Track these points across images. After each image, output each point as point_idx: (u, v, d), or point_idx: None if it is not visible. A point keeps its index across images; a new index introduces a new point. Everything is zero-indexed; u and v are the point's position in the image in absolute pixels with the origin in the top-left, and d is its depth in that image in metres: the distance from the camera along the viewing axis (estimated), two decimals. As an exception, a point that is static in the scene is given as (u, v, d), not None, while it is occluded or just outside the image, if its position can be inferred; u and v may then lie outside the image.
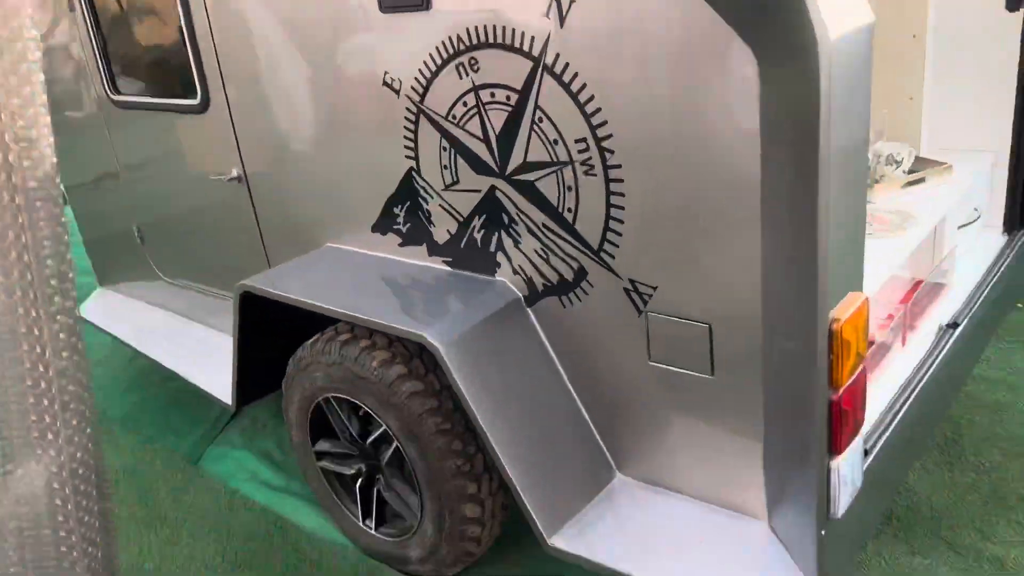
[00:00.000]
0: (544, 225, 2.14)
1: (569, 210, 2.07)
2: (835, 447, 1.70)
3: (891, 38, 2.79)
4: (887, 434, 2.03)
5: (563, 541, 2.11)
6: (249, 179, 2.96)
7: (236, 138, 2.91)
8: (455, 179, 2.29)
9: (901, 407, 2.10)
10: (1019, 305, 4.03)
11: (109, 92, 3.40)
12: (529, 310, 2.30)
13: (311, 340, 2.53)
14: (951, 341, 2.38)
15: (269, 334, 2.82)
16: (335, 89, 2.46)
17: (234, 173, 2.99)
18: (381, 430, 2.44)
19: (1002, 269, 2.78)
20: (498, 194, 2.21)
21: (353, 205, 2.62)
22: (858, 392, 1.71)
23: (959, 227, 2.76)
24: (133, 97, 3.30)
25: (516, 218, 2.20)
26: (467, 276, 2.39)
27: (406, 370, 2.29)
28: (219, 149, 3.01)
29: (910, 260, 2.64)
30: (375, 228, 2.60)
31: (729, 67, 1.63)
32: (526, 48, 1.96)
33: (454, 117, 2.20)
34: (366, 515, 2.68)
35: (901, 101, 2.86)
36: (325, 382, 2.49)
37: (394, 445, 2.42)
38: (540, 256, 2.19)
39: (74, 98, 3.66)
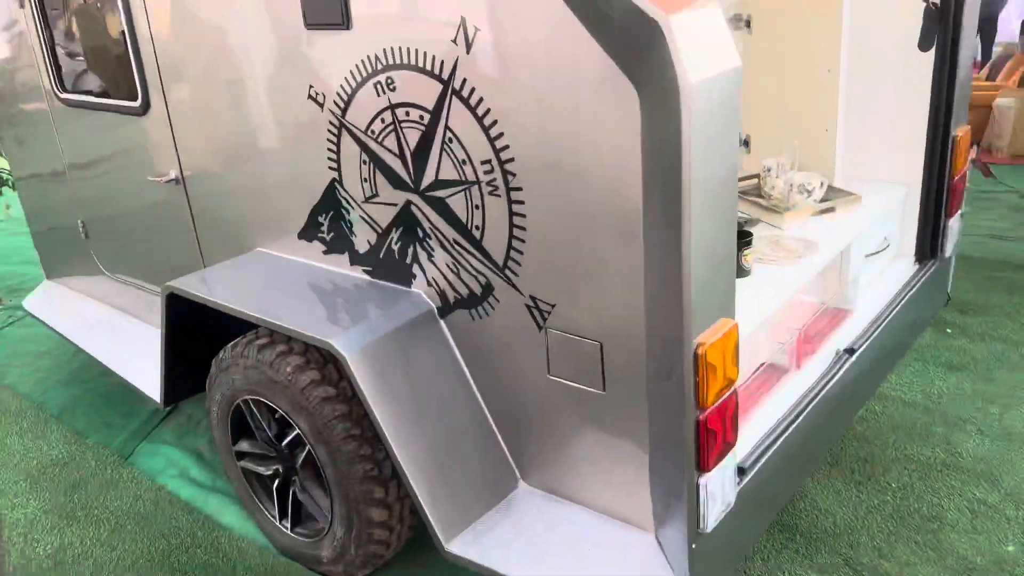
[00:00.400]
0: (455, 241, 2.22)
1: (477, 227, 2.15)
2: (702, 464, 1.79)
3: (807, 72, 2.90)
4: (768, 454, 2.12)
5: (459, 547, 2.19)
6: (186, 181, 3.02)
7: (174, 141, 2.97)
8: (374, 192, 2.36)
9: (785, 429, 2.20)
10: (948, 331, 4.18)
11: (56, 90, 3.45)
12: (442, 321, 2.37)
13: (232, 343, 2.59)
14: (846, 366, 2.48)
15: (199, 334, 2.88)
16: (265, 99, 2.53)
17: (172, 175, 3.05)
18: (295, 433, 2.51)
19: (909, 297, 2.89)
20: (413, 209, 2.29)
21: (281, 212, 2.69)
22: (727, 414, 1.80)
23: (867, 255, 2.87)
24: (78, 96, 3.35)
25: (430, 232, 2.27)
26: (385, 286, 2.47)
27: (319, 376, 2.36)
28: (158, 151, 3.07)
29: (817, 286, 2.75)
30: (301, 235, 2.67)
31: (614, 100, 1.71)
32: (437, 71, 2.04)
33: (373, 132, 2.28)
34: (282, 515, 2.74)
35: (817, 133, 2.97)
36: (243, 384, 2.55)
37: (307, 448, 2.48)
38: (452, 270, 2.27)
39: (26, 93, 3.70)
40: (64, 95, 3.42)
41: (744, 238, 2.38)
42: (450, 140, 2.10)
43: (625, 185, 1.78)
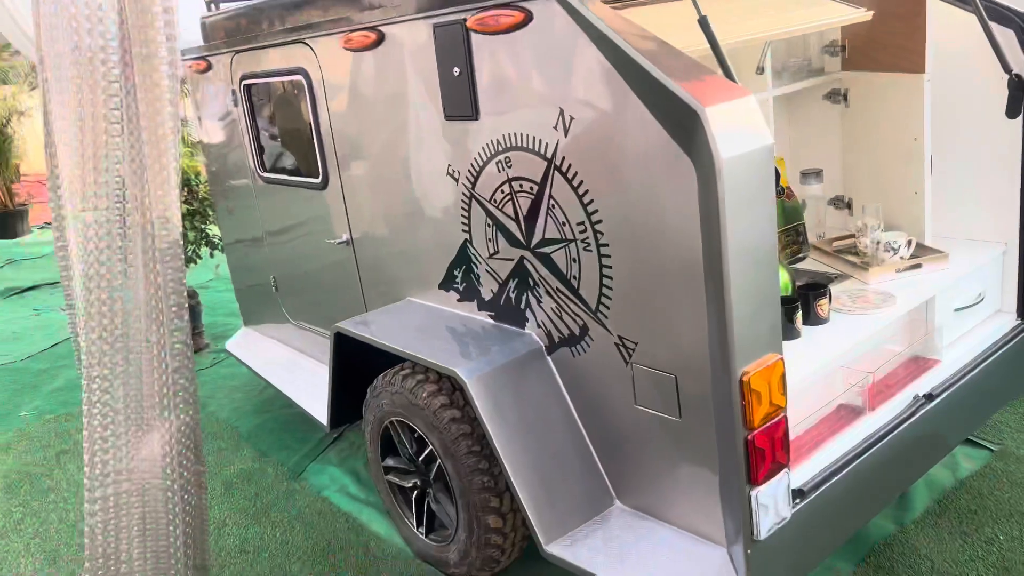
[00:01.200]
0: (558, 289, 2.66)
1: (574, 278, 2.59)
2: (752, 478, 2.09)
3: (897, 140, 3.14)
4: (829, 484, 2.36)
5: (556, 549, 2.57)
6: (354, 243, 3.67)
7: (346, 210, 3.63)
8: (496, 250, 2.86)
9: (850, 463, 2.43)
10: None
11: (258, 169, 4.26)
12: (548, 357, 2.81)
13: (383, 373, 3.14)
14: (923, 411, 2.66)
15: (360, 369, 3.46)
16: (414, 176, 3.12)
17: (344, 238, 3.71)
18: (428, 450, 3.00)
19: (1006, 351, 3.00)
20: (526, 263, 2.76)
21: (426, 267, 3.25)
22: (776, 435, 2.10)
23: (956, 309, 3.02)
24: (274, 174, 4.13)
25: (538, 282, 2.73)
26: (504, 328, 2.94)
27: (448, 400, 2.85)
28: (334, 218, 3.75)
29: (904, 336, 2.94)
30: (440, 286, 3.21)
31: (677, 173, 2.11)
32: (542, 152, 2.53)
33: (495, 201, 2.79)
34: (419, 523, 3.22)
35: (908, 195, 3.18)
36: (390, 408, 3.09)
37: (437, 463, 2.97)
38: (556, 314, 2.71)
39: (235, 172, 4.56)
40: (263, 173, 4.22)
41: (819, 290, 2.66)
42: (553, 206, 2.56)
43: (688, 241, 2.15)
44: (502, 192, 2.75)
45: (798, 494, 2.30)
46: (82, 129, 1.70)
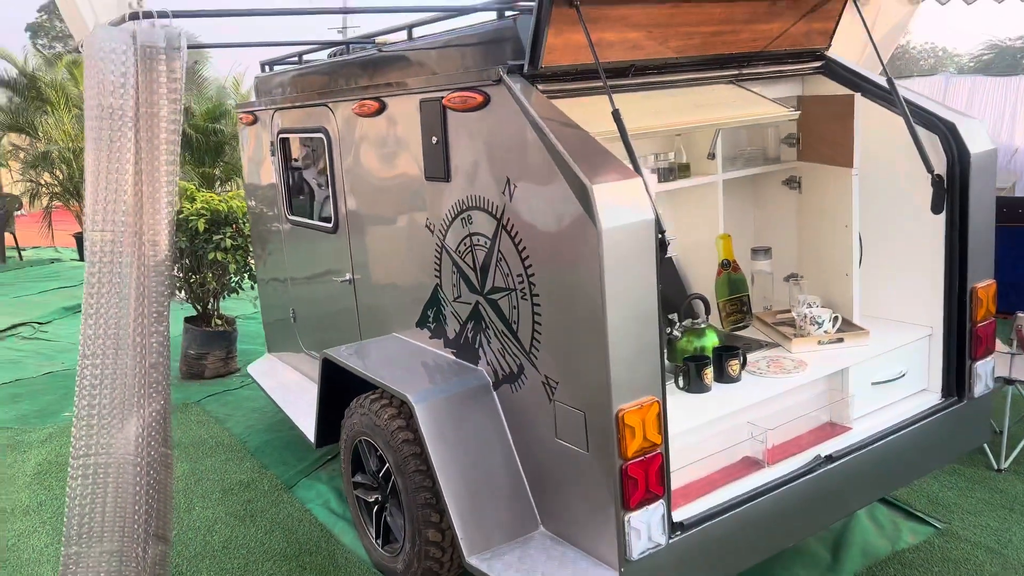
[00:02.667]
0: (502, 332, 3.05)
1: (514, 322, 2.97)
2: (626, 504, 2.41)
3: (832, 226, 3.47)
4: (712, 522, 2.65)
5: (476, 560, 2.90)
6: (355, 282, 4.14)
7: (351, 252, 4.11)
8: (459, 294, 3.28)
9: (736, 507, 2.72)
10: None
11: (286, 213, 4.80)
12: (494, 392, 3.18)
13: (357, 397, 3.56)
14: (821, 470, 2.93)
15: (346, 393, 3.89)
16: (400, 226, 3.58)
17: (347, 277, 4.19)
18: (386, 467, 3.38)
19: (922, 427, 3.24)
20: (480, 307, 3.16)
21: (407, 307, 3.68)
22: (650, 468, 2.43)
23: (873, 383, 3.28)
24: (298, 218, 4.66)
25: (489, 325, 3.13)
26: (462, 363, 3.33)
27: (404, 423, 3.25)
28: (341, 259, 4.23)
29: (817, 402, 3.21)
30: (417, 324, 3.63)
31: (584, 238, 2.50)
32: (494, 212, 2.95)
33: (459, 251, 3.21)
34: (377, 534, 3.59)
35: (840, 276, 3.48)
36: (360, 428, 3.49)
37: (392, 479, 3.34)
38: (500, 354, 3.10)
39: (271, 217, 5.12)
40: (290, 216, 4.76)
41: (732, 352, 2.99)
42: (500, 259, 2.97)
43: (592, 295, 2.52)
44: (464, 244, 3.17)
45: (679, 526, 2.60)
46: (97, 171, 2.21)
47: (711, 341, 3.24)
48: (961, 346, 3.35)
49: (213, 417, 5.59)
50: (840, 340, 3.28)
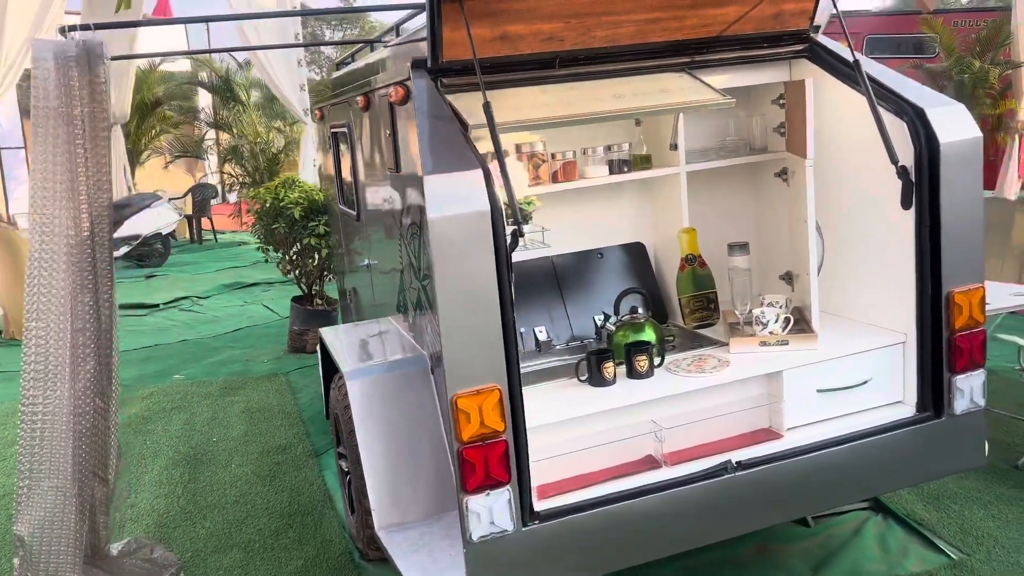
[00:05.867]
0: (431, 317, 3.18)
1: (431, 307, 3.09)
2: (464, 487, 2.48)
3: (797, 221, 3.24)
4: (580, 515, 2.63)
5: (383, 533, 3.06)
6: (371, 267, 4.42)
7: (369, 239, 4.40)
8: (411, 280, 3.43)
9: (608, 504, 2.66)
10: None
11: (340, 204, 5.19)
12: (432, 375, 3.32)
13: (336, 373, 3.83)
14: (726, 476, 2.78)
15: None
16: (383, 214, 3.79)
17: (367, 262, 4.48)
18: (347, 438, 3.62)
19: (882, 442, 2.96)
20: (419, 293, 3.31)
21: (391, 291, 3.89)
22: (491, 454, 2.47)
23: (819, 391, 3.03)
24: (344, 207, 5.03)
25: (425, 310, 3.27)
26: (416, 345, 3.50)
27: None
28: (364, 245, 4.53)
29: (743, 405, 3.02)
30: (396, 308, 3.83)
31: (424, 228, 2.58)
32: (421, 201, 3.08)
33: (407, 239, 3.37)
34: (348, 502, 3.85)
35: (800, 276, 3.23)
36: (335, 402, 3.76)
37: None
38: (431, 338, 3.23)
39: (333, 203, 5.55)
40: (341, 207, 5.14)
41: (641, 347, 2.92)
42: (427, 244, 3.09)
43: (431, 283, 2.58)
44: (409, 232, 3.33)
45: (536, 515, 2.61)
46: (35, 160, 2.64)
47: (649, 335, 3.17)
48: (937, 357, 3.01)
49: (291, 387, 6.13)
50: (785, 343, 3.07)
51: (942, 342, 2.99)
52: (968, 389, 3.03)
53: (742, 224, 3.78)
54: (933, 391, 3.04)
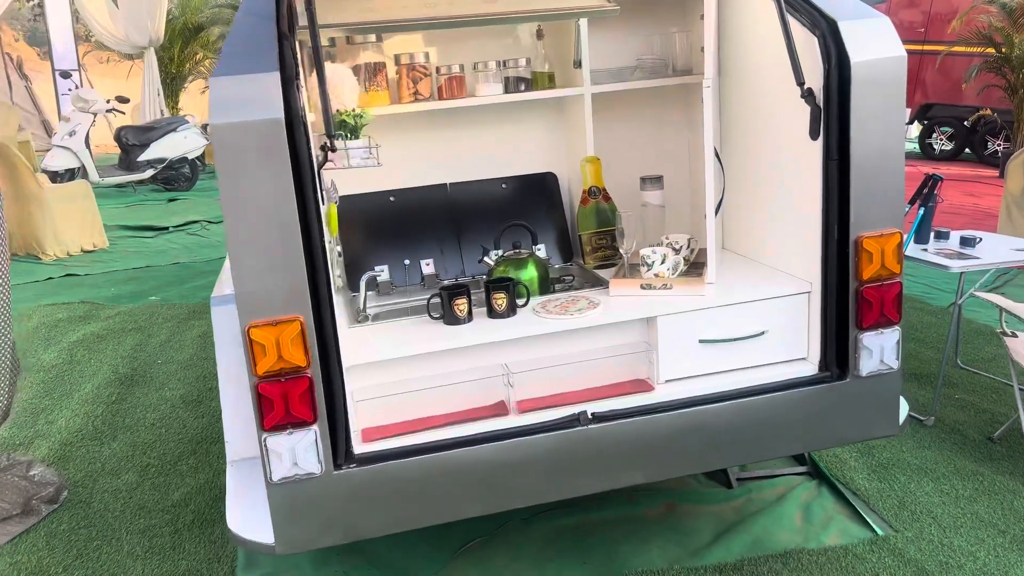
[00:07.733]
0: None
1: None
2: (262, 424, 2.28)
3: (693, 155, 2.86)
4: (405, 460, 2.41)
5: (233, 468, 2.90)
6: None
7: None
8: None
9: (438, 451, 2.43)
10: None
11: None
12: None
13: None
14: (580, 427, 2.51)
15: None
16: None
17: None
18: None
19: (764, 400, 2.65)
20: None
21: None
22: (293, 391, 2.26)
23: (701, 341, 2.70)
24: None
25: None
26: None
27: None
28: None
29: (610, 353, 2.72)
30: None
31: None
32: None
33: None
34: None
35: (705, 215, 2.86)
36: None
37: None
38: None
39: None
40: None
41: (500, 284, 2.65)
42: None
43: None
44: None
45: (353, 459, 2.40)
46: None
47: (531, 273, 2.89)
48: (843, 310, 2.65)
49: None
50: (668, 287, 2.74)
51: (848, 293, 2.62)
52: (878, 348, 2.66)
53: (662, 156, 3.41)
54: (838, 349, 2.69)
